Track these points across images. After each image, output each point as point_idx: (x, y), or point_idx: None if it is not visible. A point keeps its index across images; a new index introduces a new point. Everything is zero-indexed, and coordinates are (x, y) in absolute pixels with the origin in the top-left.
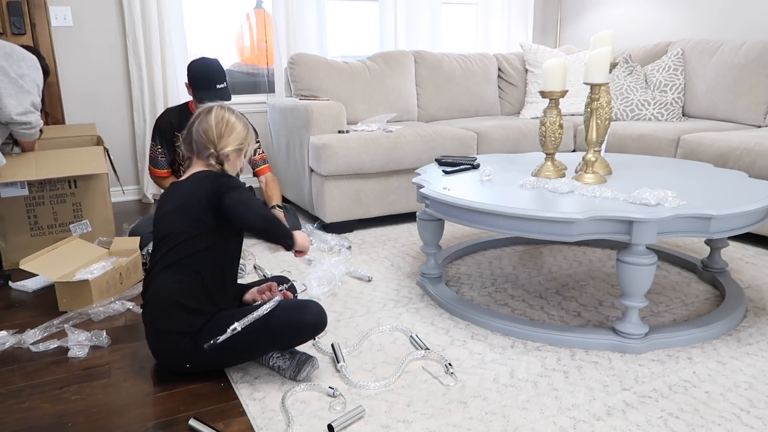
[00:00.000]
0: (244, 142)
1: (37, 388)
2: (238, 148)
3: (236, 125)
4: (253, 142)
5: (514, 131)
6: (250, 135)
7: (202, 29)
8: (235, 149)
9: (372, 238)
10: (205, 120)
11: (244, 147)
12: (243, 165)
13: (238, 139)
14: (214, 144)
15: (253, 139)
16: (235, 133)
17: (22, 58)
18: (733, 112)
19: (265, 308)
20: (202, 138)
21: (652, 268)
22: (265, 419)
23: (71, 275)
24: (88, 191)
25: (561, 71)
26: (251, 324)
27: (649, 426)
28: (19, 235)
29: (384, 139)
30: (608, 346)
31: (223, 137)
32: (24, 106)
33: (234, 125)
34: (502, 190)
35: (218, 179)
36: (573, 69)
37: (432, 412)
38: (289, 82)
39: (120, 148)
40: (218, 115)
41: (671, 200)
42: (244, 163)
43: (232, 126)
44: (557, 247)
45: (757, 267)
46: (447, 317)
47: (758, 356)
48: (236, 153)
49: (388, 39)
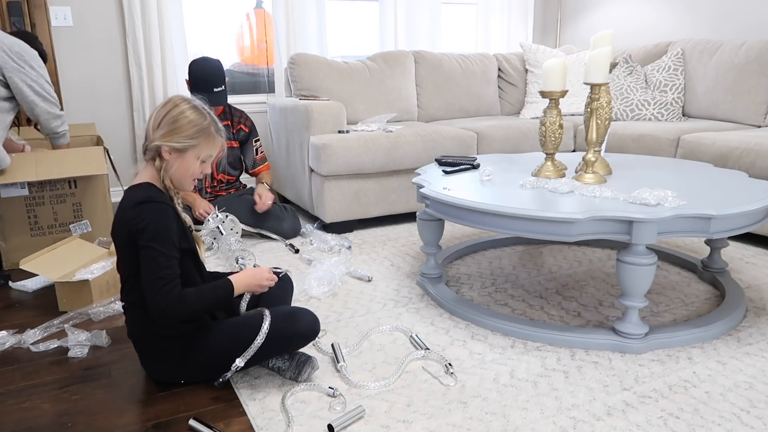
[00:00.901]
0: (187, 143)
1: (37, 388)
2: (176, 147)
3: (182, 120)
4: (212, 151)
5: (514, 131)
6: (204, 140)
7: (202, 29)
8: (173, 147)
9: (372, 238)
10: (158, 107)
11: (186, 148)
12: (198, 173)
13: (178, 136)
14: (148, 133)
15: (210, 148)
16: (176, 127)
17: (30, 57)
18: (733, 112)
19: (262, 333)
20: (146, 126)
21: (652, 268)
22: (265, 419)
23: (71, 275)
24: (88, 191)
25: (561, 71)
26: (242, 335)
27: (649, 426)
28: (19, 235)
29: (384, 139)
30: (608, 346)
31: (161, 127)
32: (58, 117)
33: (180, 119)
34: (502, 190)
35: (137, 212)
36: (573, 69)
37: (432, 412)
38: (289, 82)
39: (120, 147)
40: (172, 103)
41: (671, 200)
42: (197, 168)
43: (176, 118)
44: (557, 247)
45: (757, 267)
46: (447, 317)
47: (758, 356)
48: (176, 153)
49: (388, 39)
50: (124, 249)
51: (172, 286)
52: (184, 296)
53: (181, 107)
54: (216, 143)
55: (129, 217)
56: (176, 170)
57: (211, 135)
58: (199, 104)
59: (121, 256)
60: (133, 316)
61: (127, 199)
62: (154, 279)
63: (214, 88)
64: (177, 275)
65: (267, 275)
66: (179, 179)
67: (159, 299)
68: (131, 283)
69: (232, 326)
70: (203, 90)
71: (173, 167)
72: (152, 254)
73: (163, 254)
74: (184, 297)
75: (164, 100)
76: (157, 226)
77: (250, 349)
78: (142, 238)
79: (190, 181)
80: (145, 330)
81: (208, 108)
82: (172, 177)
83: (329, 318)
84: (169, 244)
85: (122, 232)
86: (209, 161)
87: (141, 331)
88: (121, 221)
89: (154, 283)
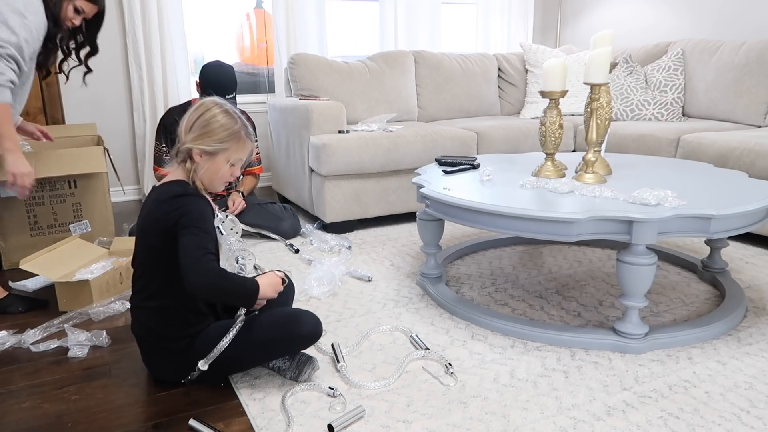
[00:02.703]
0: (217, 147)
1: (37, 388)
2: (207, 150)
3: (214, 124)
4: (242, 155)
5: (514, 131)
6: (234, 144)
7: (202, 29)
8: (204, 150)
9: (372, 238)
10: (190, 110)
11: (217, 151)
12: (228, 175)
13: (210, 139)
14: (180, 136)
15: (240, 152)
16: (209, 131)
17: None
18: (733, 112)
19: (228, 336)
20: (178, 129)
21: (652, 268)
22: (265, 419)
23: (71, 275)
24: (88, 191)
25: (561, 71)
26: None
27: (649, 426)
28: (18, 235)
29: (384, 139)
30: (608, 346)
31: (192, 130)
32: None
33: (211, 123)
34: (502, 190)
35: (176, 203)
36: (573, 69)
37: (432, 412)
38: (289, 82)
39: (120, 148)
40: (204, 107)
41: (671, 200)
42: (227, 171)
43: (208, 122)
44: (557, 247)
45: (757, 267)
46: (447, 317)
47: (758, 356)
48: (207, 156)
49: (388, 39)
50: (151, 243)
51: (212, 258)
52: (223, 274)
53: (213, 111)
54: (246, 147)
55: (168, 209)
56: (206, 172)
57: (242, 139)
58: (231, 108)
59: (142, 252)
60: (139, 315)
61: (163, 193)
62: (198, 247)
63: (227, 95)
64: (215, 254)
65: (279, 281)
66: (209, 181)
67: (200, 266)
68: (144, 282)
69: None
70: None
71: (203, 169)
72: (195, 232)
73: (206, 233)
74: (222, 274)
75: (197, 104)
76: (199, 213)
77: (215, 350)
78: (183, 223)
79: (221, 183)
80: (150, 329)
81: (239, 112)
82: (203, 179)
83: (329, 318)
84: (210, 229)
85: (155, 226)
86: (238, 164)
87: (146, 330)
88: (156, 214)
89: (197, 251)
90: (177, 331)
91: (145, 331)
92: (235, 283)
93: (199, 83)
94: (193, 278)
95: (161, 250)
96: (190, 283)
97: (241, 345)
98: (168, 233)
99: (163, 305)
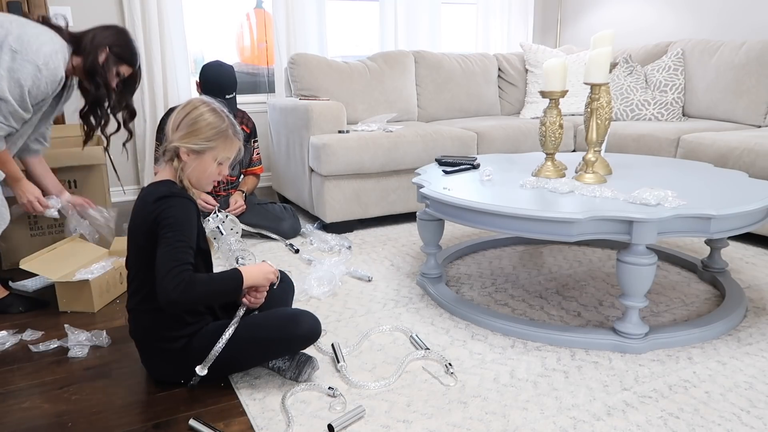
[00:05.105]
0: (205, 145)
1: (37, 388)
2: (194, 148)
3: (201, 123)
4: (229, 153)
5: (514, 131)
6: (221, 143)
7: (202, 29)
8: (191, 148)
9: (372, 238)
10: (178, 109)
11: (204, 150)
12: (215, 174)
13: (197, 138)
14: (168, 134)
15: (227, 151)
16: (196, 129)
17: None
18: (733, 112)
19: (224, 338)
20: (166, 127)
21: (652, 268)
22: (265, 419)
23: (71, 275)
24: (88, 191)
25: (561, 71)
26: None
27: (649, 426)
28: (19, 235)
29: (384, 139)
30: (608, 346)
31: (179, 129)
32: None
33: (199, 122)
34: (502, 190)
35: (160, 206)
36: (573, 69)
37: (432, 412)
38: (289, 82)
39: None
40: (192, 105)
41: (671, 200)
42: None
43: (195, 120)
44: (557, 247)
45: (757, 267)
46: (447, 317)
47: (758, 356)
48: (194, 154)
49: (388, 39)
50: (140, 244)
51: (184, 269)
52: (194, 281)
53: (200, 110)
54: (233, 146)
55: (151, 210)
56: (193, 171)
57: (229, 138)
58: (218, 107)
59: (133, 253)
60: (136, 318)
61: (149, 194)
62: (168, 260)
63: (226, 95)
64: (190, 263)
65: (271, 269)
66: (197, 180)
67: (168, 280)
68: (138, 283)
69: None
70: (215, 95)
71: (191, 168)
72: (171, 239)
73: (182, 241)
74: (193, 282)
75: (184, 102)
76: (180, 217)
77: (211, 354)
78: (164, 226)
79: (209, 182)
80: (147, 331)
81: (227, 111)
82: (190, 177)
83: (329, 318)
84: (190, 234)
85: (142, 227)
86: (227, 163)
87: (143, 333)
88: (142, 215)
89: (167, 264)
90: (174, 331)
91: (142, 334)
92: (211, 283)
93: (199, 83)
94: (162, 297)
95: (150, 252)
96: (161, 302)
97: (240, 345)
98: (153, 234)
99: (159, 307)
